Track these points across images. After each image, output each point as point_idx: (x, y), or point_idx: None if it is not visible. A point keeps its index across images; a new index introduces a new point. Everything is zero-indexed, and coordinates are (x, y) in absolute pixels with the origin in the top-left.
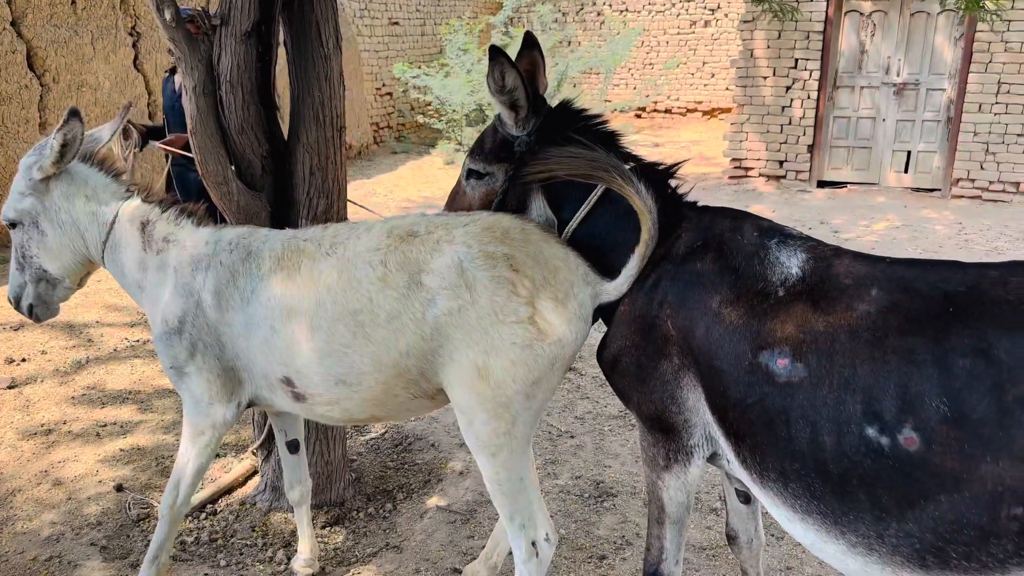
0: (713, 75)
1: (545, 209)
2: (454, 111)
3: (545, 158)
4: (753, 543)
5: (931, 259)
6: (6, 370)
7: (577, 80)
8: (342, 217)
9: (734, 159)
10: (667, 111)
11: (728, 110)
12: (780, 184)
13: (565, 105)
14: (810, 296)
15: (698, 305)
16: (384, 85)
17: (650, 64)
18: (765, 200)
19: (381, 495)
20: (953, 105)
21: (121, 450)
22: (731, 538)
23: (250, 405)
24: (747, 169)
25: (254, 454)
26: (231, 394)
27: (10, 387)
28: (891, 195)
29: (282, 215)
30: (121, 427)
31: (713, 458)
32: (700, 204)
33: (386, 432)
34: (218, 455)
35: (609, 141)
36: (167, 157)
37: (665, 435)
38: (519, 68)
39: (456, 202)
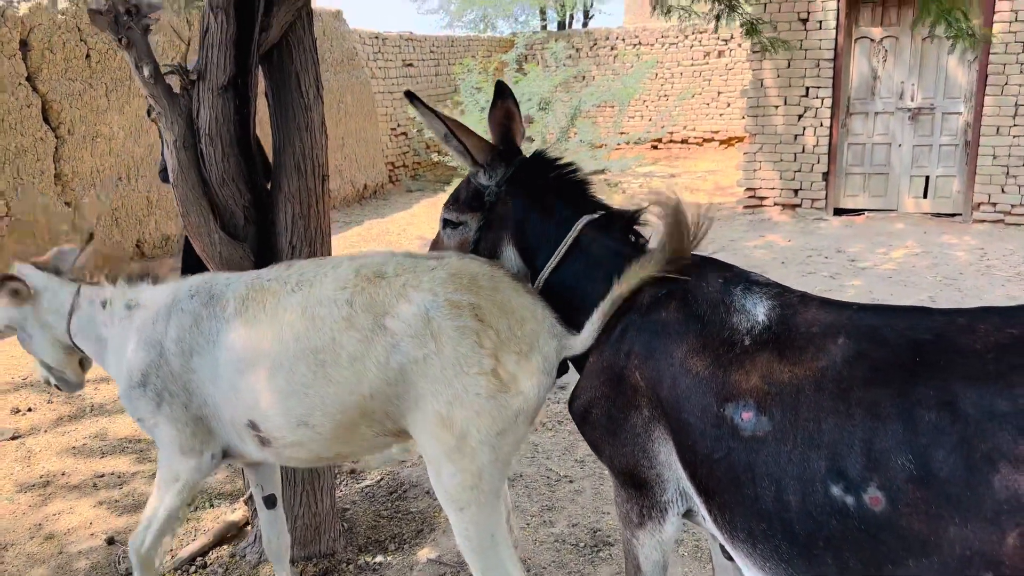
0: (729, 104)
1: (517, 259)
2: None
3: (509, 210)
4: None
5: (899, 305)
6: (11, 421)
7: (592, 113)
8: None
9: (748, 188)
10: (684, 141)
11: (743, 139)
12: (796, 213)
13: (538, 155)
14: (776, 345)
15: (664, 355)
16: (399, 125)
17: (665, 95)
18: (780, 229)
19: (373, 546)
20: (970, 129)
21: (116, 501)
22: None
23: (225, 456)
24: (762, 198)
25: (246, 503)
26: (203, 444)
27: (13, 438)
28: (910, 221)
29: (265, 264)
30: (119, 477)
31: (689, 514)
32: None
33: (382, 479)
34: (212, 505)
35: (578, 189)
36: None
37: (638, 491)
38: (442, 117)
39: (435, 249)
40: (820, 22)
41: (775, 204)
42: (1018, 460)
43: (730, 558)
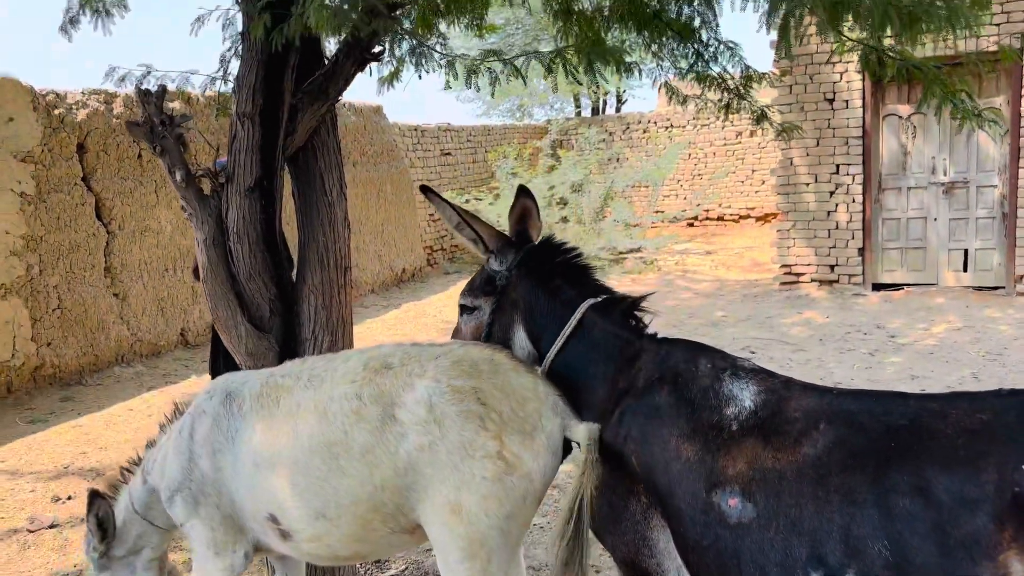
0: (763, 182)
1: (526, 342)
2: (504, 231)
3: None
4: None
5: (878, 390)
6: (51, 508)
7: (626, 194)
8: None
9: (784, 265)
10: (719, 218)
11: (778, 216)
12: (833, 289)
13: (545, 241)
14: (761, 431)
15: (658, 440)
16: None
17: (699, 174)
18: (818, 306)
19: None
20: (1006, 201)
21: None
22: None
23: (257, 550)
24: (798, 275)
25: None
26: (235, 542)
27: (51, 527)
28: (951, 295)
29: (289, 353)
30: None
31: None
32: (660, 336)
33: (406, 569)
34: None
35: (582, 273)
36: None
37: None
38: (459, 209)
39: (454, 337)
40: (846, 101)
41: (812, 280)
42: (990, 546)
43: None
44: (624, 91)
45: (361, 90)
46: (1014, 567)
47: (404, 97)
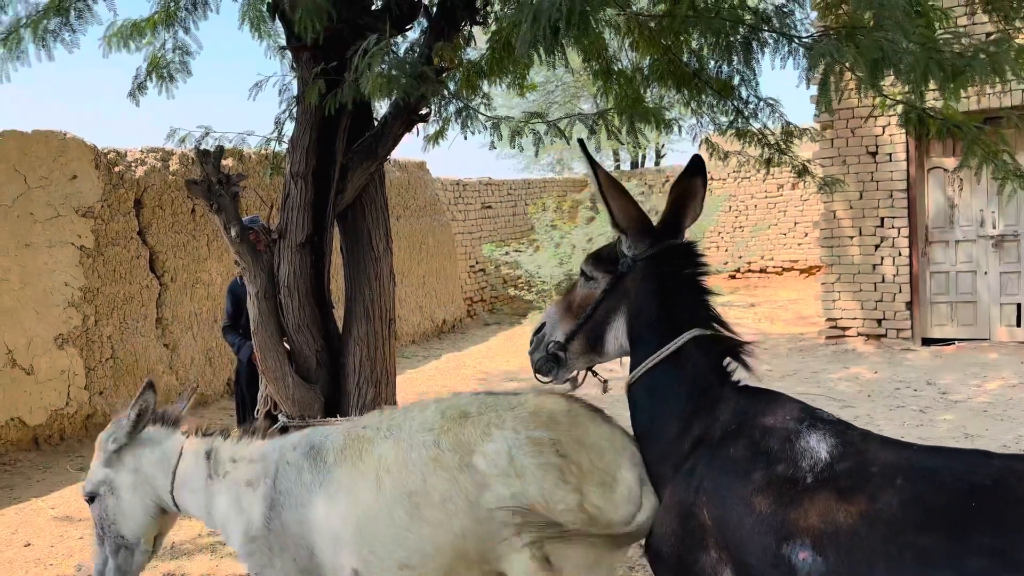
0: (806, 234)
1: (623, 337)
2: (543, 282)
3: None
4: None
5: (961, 448)
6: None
7: None
8: (390, 403)
9: (829, 319)
10: (762, 271)
11: (822, 269)
12: (881, 343)
13: (684, 246)
14: (836, 484)
15: (730, 493)
16: (477, 263)
17: (740, 227)
18: (865, 361)
19: None
20: None
21: None
22: None
23: None
24: (844, 329)
25: None
26: None
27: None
28: (1005, 351)
29: (334, 404)
30: None
31: None
32: (741, 383)
33: None
34: None
35: (702, 296)
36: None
37: None
38: (599, 173)
39: (567, 294)
40: (889, 154)
41: (858, 334)
42: None
43: None
44: (663, 145)
45: (406, 146)
46: None
47: (447, 152)
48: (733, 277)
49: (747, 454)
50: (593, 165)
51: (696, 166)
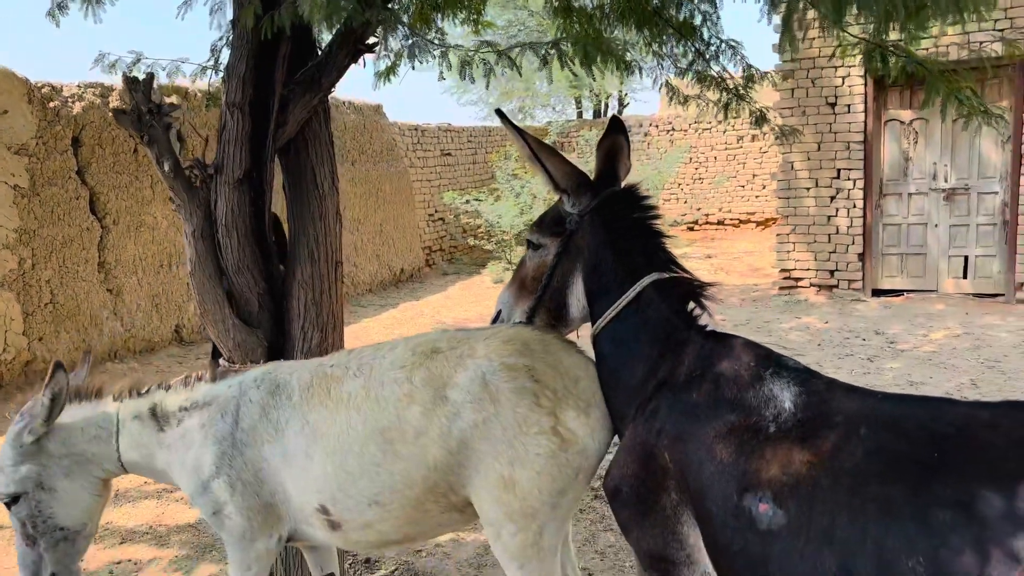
0: (764, 187)
1: (583, 296)
2: (504, 232)
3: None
4: None
5: (924, 396)
6: None
7: None
8: (338, 348)
9: (783, 270)
10: (720, 223)
11: (778, 220)
12: (832, 294)
13: (627, 191)
14: (799, 434)
15: (692, 438)
16: (436, 211)
17: (700, 179)
18: (816, 311)
19: None
20: (1007, 208)
21: None
22: None
23: (289, 540)
24: (797, 279)
25: None
26: (271, 528)
27: None
28: (951, 302)
29: (278, 349)
30: (135, 564)
31: None
32: (708, 328)
33: (396, 569)
34: None
35: (655, 240)
36: None
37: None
38: (527, 137)
39: (517, 272)
40: (848, 105)
41: (811, 285)
42: None
43: None
44: (626, 94)
45: (361, 88)
46: None
47: (405, 98)
48: (691, 229)
49: (710, 399)
50: (518, 131)
51: (616, 126)
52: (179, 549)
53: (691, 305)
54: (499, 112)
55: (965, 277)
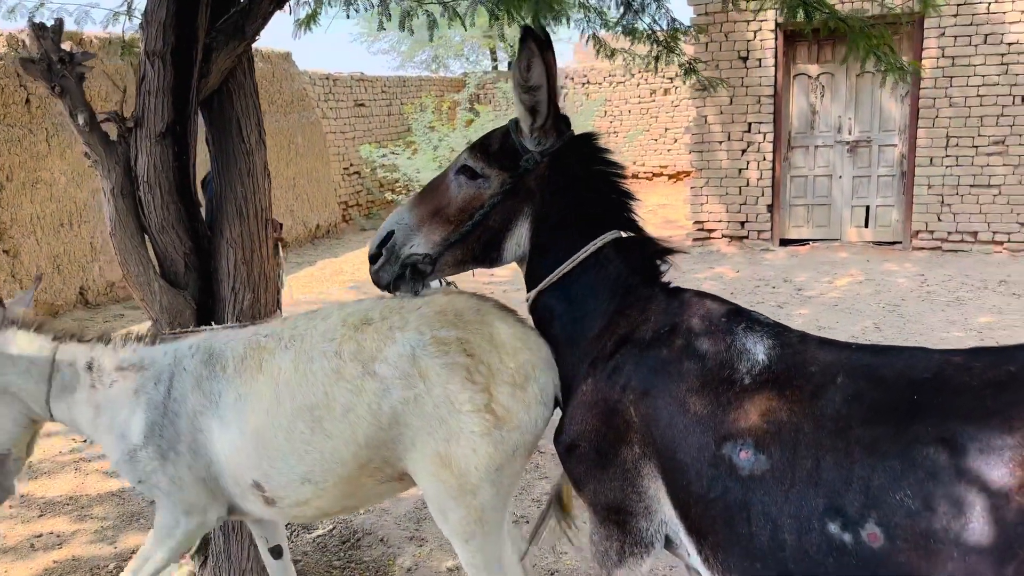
0: (676, 140)
1: (525, 243)
2: (421, 186)
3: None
4: None
5: (900, 346)
6: None
7: None
8: (270, 310)
9: (696, 221)
10: (633, 176)
11: (692, 174)
12: (743, 244)
13: (590, 137)
14: (776, 385)
15: (662, 394)
16: (351, 165)
17: (614, 132)
18: (728, 261)
19: None
20: (905, 160)
21: (55, 562)
22: None
23: (231, 513)
24: (710, 231)
25: (192, 558)
26: (207, 504)
27: None
28: (853, 250)
29: (208, 310)
30: (57, 537)
31: (668, 545)
32: (672, 285)
33: (334, 528)
34: None
35: (617, 195)
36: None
37: (620, 528)
38: (551, 65)
39: (431, 196)
40: (759, 60)
41: (723, 236)
42: (1014, 494)
43: None
44: None
45: (268, 36)
46: None
47: (314, 44)
48: None
49: (681, 355)
50: (544, 49)
51: (537, 40)
52: (103, 520)
53: (655, 263)
54: (527, 29)
55: (867, 226)
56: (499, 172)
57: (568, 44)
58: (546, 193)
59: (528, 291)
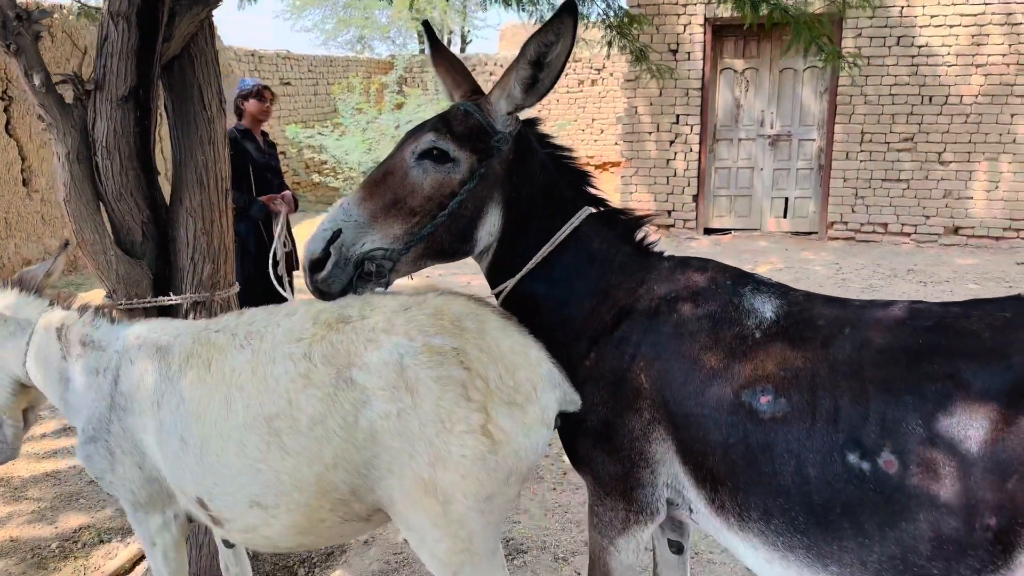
0: (602, 131)
1: (496, 231)
2: (351, 169)
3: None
4: None
5: (899, 300)
6: None
7: None
8: (229, 280)
9: None
10: None
11: (618, 164)
12: (669, 233)
13: (537, 122)
14: (787, 337)
15: (674, 355)
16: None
17: (542, 122)
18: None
19: (281, 571)
20: (823, 154)
21: None
22: None
23: (190, 520)
24: None
25: None
26: (163, 504)
27: None
28: (772, 239)
29: (165, 281)
30: None
31: (668, 508)
32: (668, 254)
33: None
34: (102, 541)
35: (581, 176)
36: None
37: (625, 496)
38: (572, 48)
39: (383, 186)
40: (688, 53)
41: (651, 225)
42: (1014, 418)
43: (677, 552)
44: (468, 31)
45: None
46: None
47: (238, 22)
48: None
49: (690, 318)
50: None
51: (434, 39)
52: (39, 500)
53: (639, 235)
54: (570, 3)
55: (785, 217)
56: (469, 155)
57: (495, 30)
58: (514, 175)
59: (495, 283)
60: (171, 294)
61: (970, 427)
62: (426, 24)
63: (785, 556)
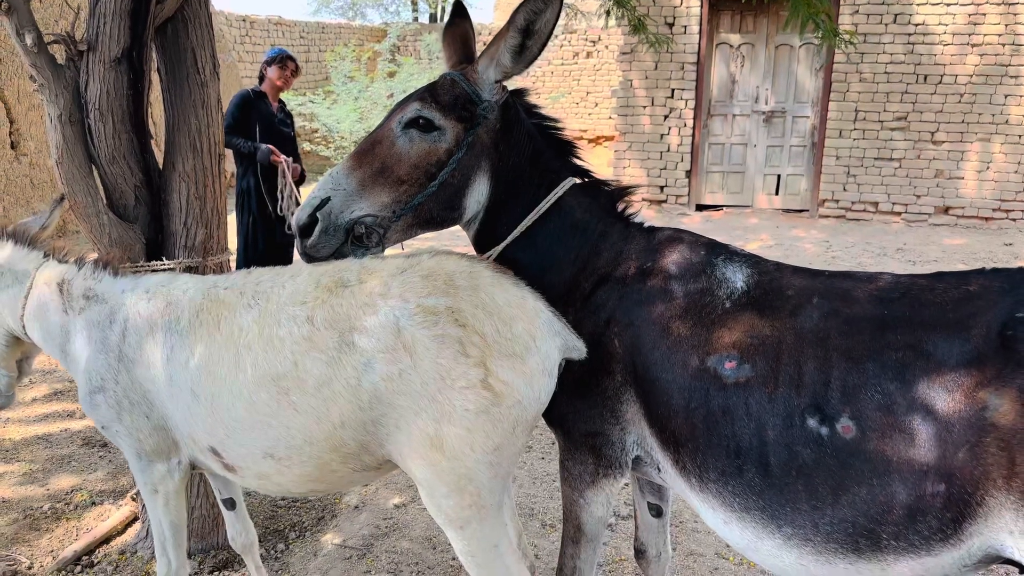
0: (596, 104)
1: (484, 199)
2: (342, 138)
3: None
4: (662, 556)
5: (869, 272)
6: None
7: None
8: (223, 245)
9: None
10: None
11: (611, 138)
12: (661, 208)
13: (524, 92)
14: (756, 306)
15: (646, 322)
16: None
17: (536, 94)
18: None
19: (272, 535)
20: (816, 131)
21: None
22: (639, 552)
23: (193, 468)
24: None
25: (134, 499)
26: (168, 452)
27: None
28: (763, 216)
29: (158, 245)
30: None
31: (636, 466)
32: (647, 224)
33: None
34: (94, 502)
35: (567, 146)
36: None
37: (595, 452)
38: (558, 17)
39: (371, 154)
40: (685, 27)
41: (643, 200)
42: (971, 389)
43: (656, 515)
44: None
45: None
46: (991, 401)
47: None
48: None
49: (664, 287)
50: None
51: (460, 11)
52: (31, 463)
53: (621, 206)
54: None
55: (777, 193)
56: (455, 124)
57: (489, 0)
58: (501, 145)
59: (482, 250)
60: (163, 259)
61: (927, 396)
62: (458, 4)
63: (741, 517)
